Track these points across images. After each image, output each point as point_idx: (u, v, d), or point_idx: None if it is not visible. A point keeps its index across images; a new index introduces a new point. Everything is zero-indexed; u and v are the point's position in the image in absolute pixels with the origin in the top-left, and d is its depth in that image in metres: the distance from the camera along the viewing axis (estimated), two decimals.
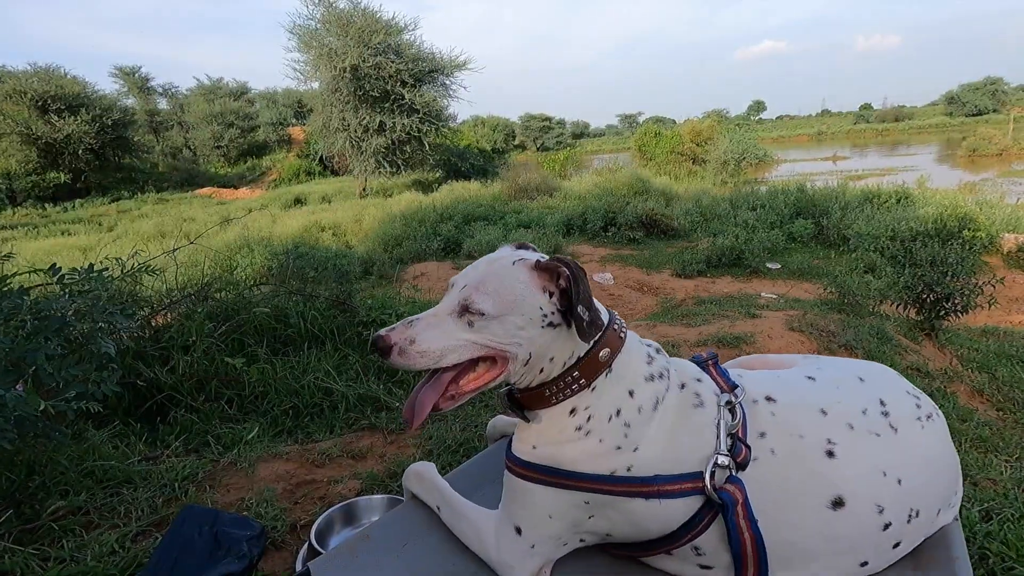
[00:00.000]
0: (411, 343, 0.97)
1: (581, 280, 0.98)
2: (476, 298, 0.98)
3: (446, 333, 0.98)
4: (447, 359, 0.98)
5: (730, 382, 1.08)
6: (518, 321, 0.98)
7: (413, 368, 0.98)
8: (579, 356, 1.02)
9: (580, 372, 1.01)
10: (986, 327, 5.06)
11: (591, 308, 0.98)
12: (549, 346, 1.01)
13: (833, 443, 1.00)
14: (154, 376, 2.39)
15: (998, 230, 8.94)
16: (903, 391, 1.14)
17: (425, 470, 1.25)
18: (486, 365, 1.03)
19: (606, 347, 1.02)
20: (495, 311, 0.98)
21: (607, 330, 1.04)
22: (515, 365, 1.01)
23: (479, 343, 0.99)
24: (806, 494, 0.98)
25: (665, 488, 0.97)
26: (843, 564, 1.00)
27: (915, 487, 1.02)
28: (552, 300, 1.00)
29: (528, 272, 1.01)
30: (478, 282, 1.01)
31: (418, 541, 1.12)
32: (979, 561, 1.37)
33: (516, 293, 0.99)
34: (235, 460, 1.84)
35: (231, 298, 3.09)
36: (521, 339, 0.99)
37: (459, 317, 0.99)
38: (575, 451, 0.99)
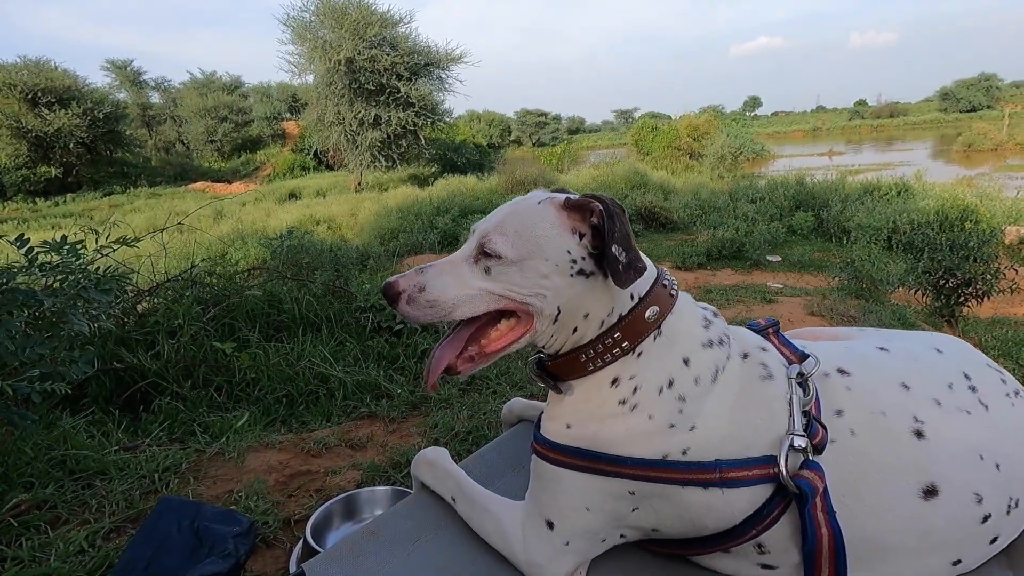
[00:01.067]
0: (421, 291, 0.84)
1: (618, 217, 0.82)
2: (493, 239, 0.84)
3: (460, 281, 0.84)
4: (460, 311, 0.84)
5: (798, 352, 0.93)
6: (541, 267, 0.83)
7: (421, 320, 0.84)
8: (621, 314, 0.86)
9: (622, 334, 0.85)
10: (995, 317, 4.98)
11: (630, 250, 0.82)
12: (581, 300, 0.86)
13: (921, 421, 0.86)
14: (137, 362, 2.22)
15: (999, 222, 8.91)
16: (984, 364, 1.00)
17: (438, 456, 1.10)
18: (510, 322, 0.88)
19: (653, 305, 0.86)
20: (514, 255, 0.83)
21: (655, 285, 0.88)
22: (542, 322, 0.86)
23: (497, 293, 0.84)
24: (893, 481, 0.83)
25: (729, 475, 0.81)
26: (933, 563, 0.86)
27: (1014, 472, 0.88)
28: (583, 243, 0.85)
29: (556, 211, 0.86)
30: (497, 223, 0.86)
31: (431, 537, 0.97)
32: None
33: (539, 234, 0.84)
34: (223, 450, 1.68)
35: (221, 283, 2.92)
36: (545, 289, 0.84)
37: (475, 263, 0.85)
38: (619, 430, 0.84)
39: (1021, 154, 22.58)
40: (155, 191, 21.39)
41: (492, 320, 0.90)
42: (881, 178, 11.98)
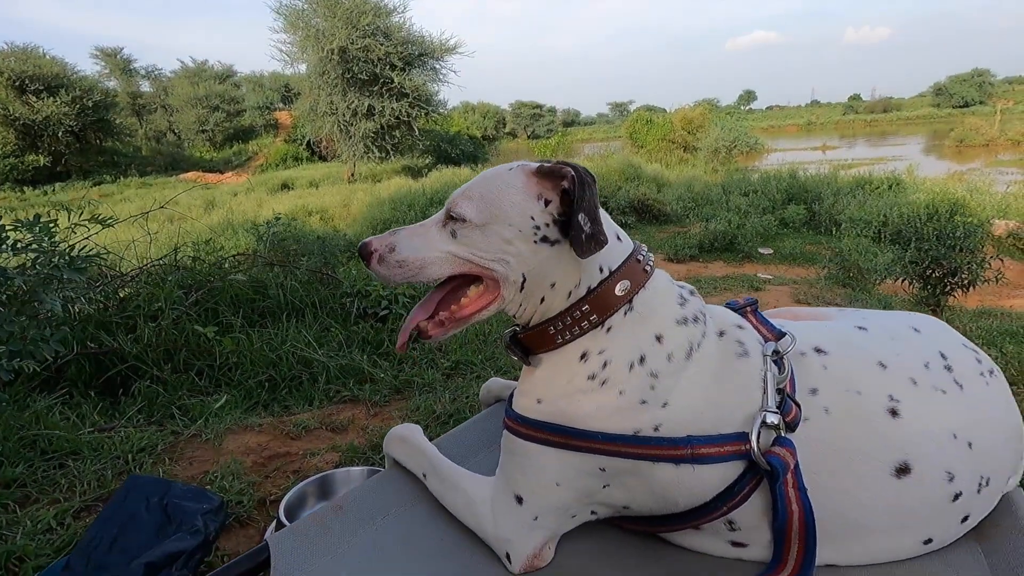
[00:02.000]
0: (391, 251, 0.86)
1: (588, 186, 0.81)
2: (459, 203, 0.85)
3: (428, 243, 0.86)
4: (427, 272, 0.85)
5: (775, 330, 0.92)
6: (505, 232, 0.83)
7: (391, 280, 0.86)
8: (589, 286, 0.85)
9: (591, 307, 0.84)
10: (981, 308, 5.01)
11: (596, 221, 0.81)
12: (546, 268, 0.85)
13: (896, 400, 0.85)
14: (117, 345, 2.19)
15: (988, 216, 8.97)
16: (960, 344, 1.00)
17: (410, 433, 1.08)
18: (479, 289, 0.88)
19: (624, 279, 0.85)
20: (478, 218, 0.83)
21: (628, 261, 0.87)
22: (508, 289, 0.86)
23: (461, 257, 0.85)
24: (866, 459, 0.83)
25: (700, 451, 0.81)
26: (904, 541, 0.85)
27: (986, 451, 0.87)
28: (548, 209, 0.84)
29: (524, 176, 0.85)
30: (466, 187, 0.87)
31: (400, 513, 0.96)
32: None
33: (503, 198, 0.83)
34: (200, 432, 1.66)
35: (205, 268, 2.89)
36: (509, 255, 0.84)
37: (444, 227, 0.86)
38: (590, 405, 0.83)
39: (1012, 150, 22.72)
40: (145, 181, 21.14)
41: (463, 286, 0.90)
42: (873, 172, 12.04)
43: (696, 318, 0.87)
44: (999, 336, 3.44)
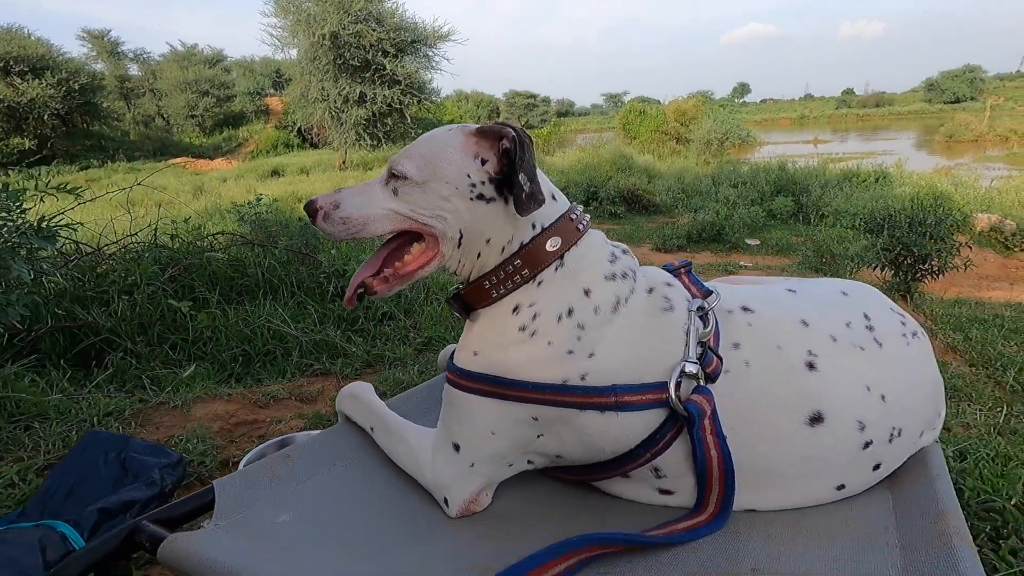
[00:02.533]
0: (335, 208, 0.90)
1: (527, 147, 0.86)
2: (400, 161, 0.89)
3: (371, 200, 0.90)
4: (370, 228, 0.90)
5: (703, 289, 0.97)
6: (442, 190, 0.87)
7: (336, 236, 0.91)
8: (522, 242, 0.90)
9: (522, 261, 0.89)
10: (958, 299, 5.11)
11: (534, 181, 0.86)
12: (482, 225, 0.89)
13: (814, 355, 0.90)
14: (91, 319, 2.21)
15: (972, 210, 9.08)
16: (887, 308, 1.05)
17: (360, 390, 1.13)
18: (421, 246, 0.93)
19: (556, 236, 0.90)
20: (418, 176, 0.87)
21: (562, 219, 0.91)
22: (447, 246, 0.90)
23: (402, 214, 0.89)
24: (782, 409, 0.88)
25: (624, 399, 0.85)
26: (818, 487, 0.90)
27: (899, 405, 0.92)
28: (484, 168, 0.88)
29: (463, 136, 0.89)
30: (408, 147, 0.91)
31: (348, 464, 1.00)
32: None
33: (442, 157, 0.88)
34: (169, 399, 1.70)
35: (184, 246, 2.90)
36: (446, 212, 0.88)
37: (386, 185, 0.90)
38: (520, 356, 0.87)
39: (1001, 145, 22.90)
40: (134, 166, 20.88)
41: (407, 244, 0.94)
42: (861, 166, 12.14)
43: (625, 274, 0.91)
44: (967, 322, 3.53)
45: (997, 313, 4.10)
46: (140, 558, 1.04)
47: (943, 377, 2.47)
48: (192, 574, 0.70)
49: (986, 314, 3.94)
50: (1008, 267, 8.16)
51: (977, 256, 8.46)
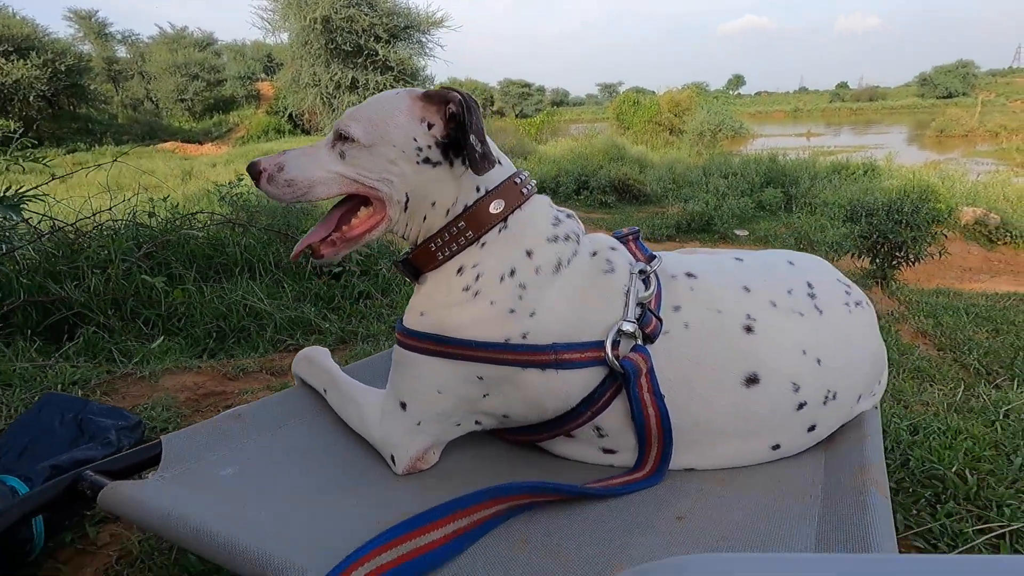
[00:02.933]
0: (280, 171, 0.90)
1: (475, 111, 0.87)
2: (348, 124, 0.89)
3: (317, 163, 0.90)
4: (315, 191, 0.90)
5: (648, 254, 0.99)
6: (389, 153, 0.88)
7: (282, 199, 0.91)
8: (466, 205, 0.91)
9: (466, 223, 0.90)
10: (938, 288, 5.18)
11: (485, 142, 0.87)
12: (428, 188, 0.90)
13: (753, 319, 0.92)
14: (65, 294, 2.21)
15: (957, 203, 9.16)
16: (834, 278, 1.07)
17: (315, 354, 1.14)
18: (369, 210, 0.94)
19: (499, 198, 0.91)
20: (366, 139, 0.88)
21: (506, 182, 0.93)
22: (393, 209, 0.92)
23: (349, 177, 0.90)
24: (719, 370, 0.90)
25: (563, 357, 0.87)
26: (754, 446, 0.93)
27: (835, 369, 0.95)
28: (431, 132, 0.89)
29: (409, 100, 0.90)
30: (355, 109, 0.92)
31: (299, 423, 1.02)
32: (900, 466, 1.34)
33: (389, 121, 0.88)
34: (137, 370, 1.70)
35: (161, 224, 2.89)
36: (393, 175, 0.89)
37: (332, 148, 0.91)
38: (463, 315, 0.89)
39: (990, 141, 23.05)
40: (121, 149, 20.63)
41: (355, 208, 0.95)
42: (851, 159, 12.21)
43: (568, 237, 0.93)
44: (940, 310, 3.58)
45: (973, 302, 4.16)
46: (96, 515, 1.06)
47: (911, 360, 2.51)
48: (130, 519, 0.72)
49: (962, 303, 4.00)
50: (991, 260, 8.26)
51: (961, 249, 8.57)
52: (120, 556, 0.97)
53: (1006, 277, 7.58)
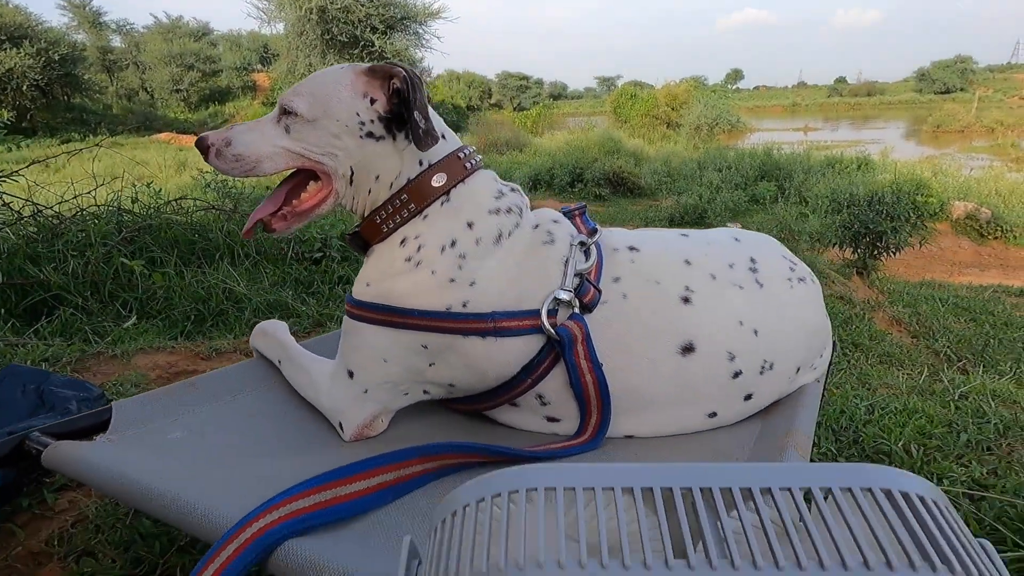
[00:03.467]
0: (227, 145, 0.92)
1: (418, 87, 0.89)
2: (292, 98, 0.91)
3: (263, 138, 0.92)
4: (262, 167, 0.92)
5: (590, 227, 1.01)
6: (332, 127, 0.90)
7: (230, 173, 0.93)
8: (409, 178, 0.93)
9: (409, 196, 0.92)
10: (924, 280, 5.23)
11: (428, 119, 0.89)
12: (371, 162, 0.93)
13: (691, 290, 0.95)
14: (44, 276, 2.23)
15: (949, 197, 9.18)
16: (779, 255, 1.09)
17: (272, 327, 1.17)
18: (317, 184, 0.96)
19: (442, 172, 0.93)
20: (309, 114, 0.90)
21: (449, 156, 0.95)
22: (339, 183, 0.94)
23: (294, 151, 0.92)
24: (656, 339, 0.93)
25: (502, 324, 0.90)
26: (690, 414, 0.96)
27: (772, 341, 0.97)
28: (373, 107, 0.91)
29: (353, 75, 0.92)
30: (299, 84, 0.94)
31: (253, 393, 1.04)
32: (852, 443, 1.37)
33: (332, 95, 0.90)
34: (110, 349, 1.72)
35: (143, 209, 2.91)
36: (337, 149, 0.91)
37: (278, 123, 0.93)
38: (406, 284, 0.91)
39: (986, 136, 23.08)
40: (117, 140, 20.50)
41: (304, 182, 0.98)
42: (845, 153, 12.24)
43: (509, 210, 0.95)
44: (920, 300, 3.63)
45: (956, 294, 4.21)
46: (56, 482, 1.08)
47: (882, 346, 2.54)
48: (71, 476, 0.74)
49: (945, 294, 4.05)
50: (981, 254, 8.31)
51: (952, 243, 8.61)
52: (76, 520, 1.00)
53: (995, 271, 7.62)
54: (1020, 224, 8.35)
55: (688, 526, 0.33)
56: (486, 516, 0.35)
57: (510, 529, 0.34)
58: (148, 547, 0.92)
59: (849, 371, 1.99)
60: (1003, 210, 8.67)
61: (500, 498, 0.36)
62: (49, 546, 0.94)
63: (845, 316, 2.62)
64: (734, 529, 0.33)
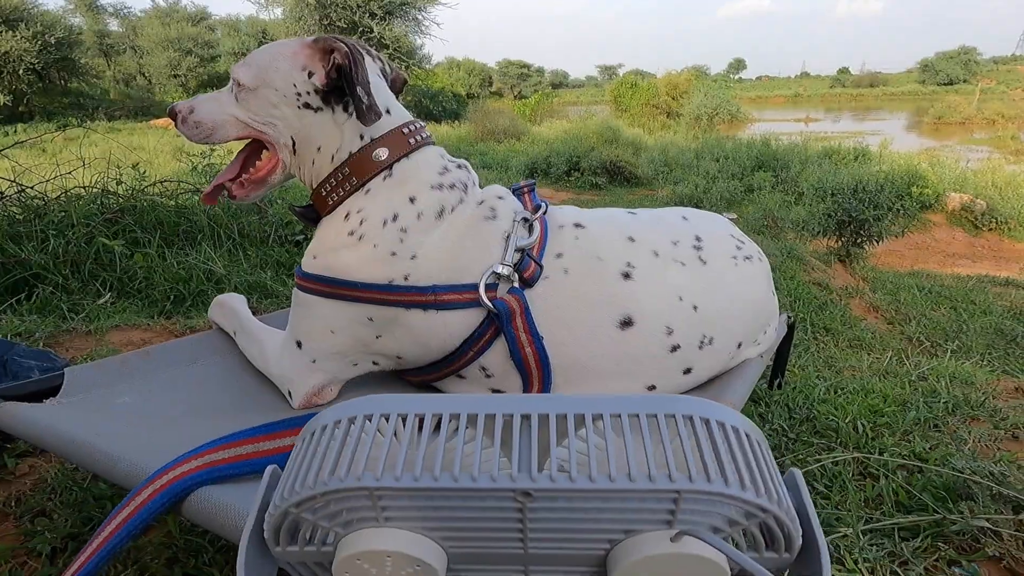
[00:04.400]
0: (191, 112, 0.97)
1: (360, 63, 0.91)
2: (238, 68, 0.95)
3: (219, 106, 0.97)
4: (216, 134, 0.97)
5: (536, 203, 1.03)
6: (271, 96, 0.93)
7: (193, 139, 0.98)
8: (350, 152, 0.96)
9: (351, 170, 0.95)
10: (912, 271, 5.25)
11: (371, 94, 0.91)
12: (311, 133, 0.95)
13: (632, 266, 0.97)
14: (24, 255, 2.25)
15: (945, 189, 9.16)
16: (727, 235, 1.11)
17: (229, 299, 1.20)
18: (269, 153, 1.00)
19: (384, 146, 0.95)
20: (251, 83, 0.94)
21: (393, 131, 0.97)
22: (283, 152, 0.97)
23: (241, 120, 0.96)
24: (596, 313, 0.95)
25: (443, 297, 0.92)
26: (630, 386, 0.98)
27: (711, 316, 1.00)
28: (311, 80, 0.93)
29: (295, 47, 0.94)
30: (249, 55, 0.98)
31: (207, 363, 1.07)
32: (804, 420, 1.40)
33: (272, 65, 0.94)
34: (84, 325, 1.75)
35: (127, 191, 2.93)
36: (276, 118, 0.94)
37: (231, 91, 0.97)
38: (349, 258, 0.93)
39: (987, 129, 22.97)
40: (114, 125, 20.41)
41: (258, 152, 1.02)
42: (842, 144, 12.21)
43: (453, 186, 0.97)
44: (901, 288, 3.66)
45: (942, 283, 4.24)
46: (16, 448, 1.11)
47: (854, 331, 2.56)
48: (19, 436, 0.77)
49: (930, 283, 4.08)
50: (975, 246, 8.31)
51: (946, 235, 8.59)
52: (35, 484, 1.03)
53: (988, 262, 7.63)
54: (1015, 216, 8.34)
55: (520, 450, 0.36)
56: (341, 434, 0.38)
57: (359, 447, 0.36)
58: (100, 508, 0.95)
59: (817, 354, 2.02)
60: (999, 202, 8.66)
61: (356, 420, 0.38)
62: (6, 507, 0.97)
63: (821, 302, 2.65)
64: (561, 455, 0.35)
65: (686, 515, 0.33)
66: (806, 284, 2.80)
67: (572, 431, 0.36)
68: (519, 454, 0.35)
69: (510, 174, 9.59)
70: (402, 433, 0.37)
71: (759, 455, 0.35)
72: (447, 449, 0.36)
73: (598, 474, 0.32)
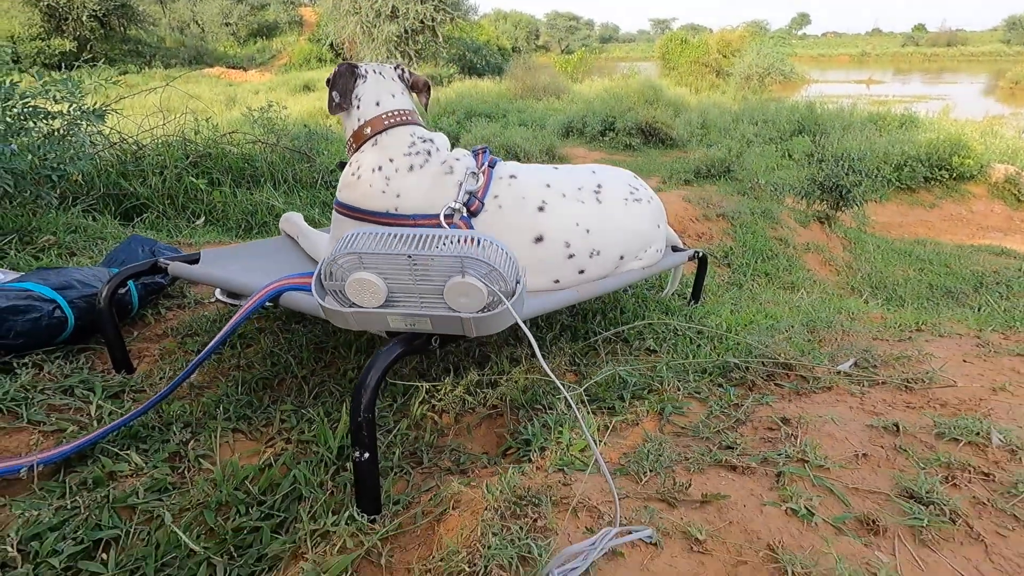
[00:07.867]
0: None
1: (341, 75, 1.49)
2: None
3: None
4: None
5: (486, 161, 1.54)
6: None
7: None
8: (353, 129, 1.51)
9: (353, 138, 1.51)
10: (919, 238, 5.43)
11: (343, 96, 1.48)
12: (345, 118, 1.53)
13: (545, 203, 1.48)
14: (132, 189, 2.93)
15: (990, 160, 8.88)
16: (626, 184, 1.61)
17: (292, 215, 1.80)
18: None
19: (369, 126, 1.49)
20: None
21: (376, 117, 1.50)
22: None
23: None
24: (519, 234, 1.46)
25: (419, 222, 1.46)
26: (542, 280, 1.50)
27: (599, 237, 1.50)
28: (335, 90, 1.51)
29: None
30: None
31: (284, 253, 1.68)
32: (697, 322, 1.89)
33: None
34: (185, 239, 2.40)
35: (204, 140, 3.56)
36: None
37: None
38: (356, 193, 1.48)
39: None
40: (170, 73, 21.40)
41: None
42: (891, 110, 11.74)
43: (419, 152, 1.49)
44: (877, 251, 3.96)
45: (936, 251, 4.42)
46: (168, 303, 1.76)
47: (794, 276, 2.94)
48: (181, 277, 1.39)
49: (917, 249, 4.31)
50: (1013, 219, 8.12)
51: (984, 207, 8.44)
52: (176, 325, 1.67)
53: (1020, 236, 7.51)
54: None
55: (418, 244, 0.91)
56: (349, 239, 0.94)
57: (355, 241, 0.93)
58: None
59: (747, 291, 2.48)
60: None
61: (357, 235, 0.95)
62: (165, 333, 1.61)
63: (773, 253, 3.07)
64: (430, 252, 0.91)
65: (467, 267, 0.87)
66: (768, 239, 3.20)
67: (437, 242, 0.91)
68: (415, 245, 0.90)
69: (544, 132, 9.43)
70: (370, 240, 0.93)
71: (507, 256, 0.89)
72: (392, 242, 0.91)
73: (439, 252, 0.87)
